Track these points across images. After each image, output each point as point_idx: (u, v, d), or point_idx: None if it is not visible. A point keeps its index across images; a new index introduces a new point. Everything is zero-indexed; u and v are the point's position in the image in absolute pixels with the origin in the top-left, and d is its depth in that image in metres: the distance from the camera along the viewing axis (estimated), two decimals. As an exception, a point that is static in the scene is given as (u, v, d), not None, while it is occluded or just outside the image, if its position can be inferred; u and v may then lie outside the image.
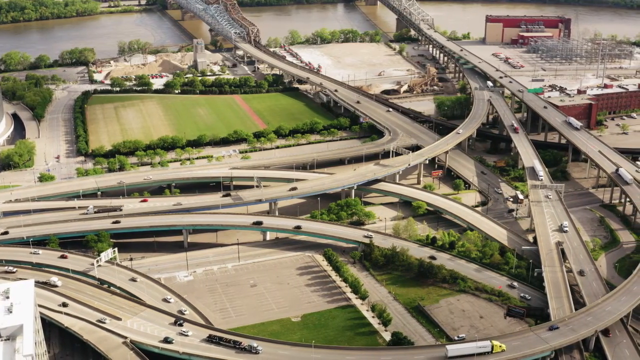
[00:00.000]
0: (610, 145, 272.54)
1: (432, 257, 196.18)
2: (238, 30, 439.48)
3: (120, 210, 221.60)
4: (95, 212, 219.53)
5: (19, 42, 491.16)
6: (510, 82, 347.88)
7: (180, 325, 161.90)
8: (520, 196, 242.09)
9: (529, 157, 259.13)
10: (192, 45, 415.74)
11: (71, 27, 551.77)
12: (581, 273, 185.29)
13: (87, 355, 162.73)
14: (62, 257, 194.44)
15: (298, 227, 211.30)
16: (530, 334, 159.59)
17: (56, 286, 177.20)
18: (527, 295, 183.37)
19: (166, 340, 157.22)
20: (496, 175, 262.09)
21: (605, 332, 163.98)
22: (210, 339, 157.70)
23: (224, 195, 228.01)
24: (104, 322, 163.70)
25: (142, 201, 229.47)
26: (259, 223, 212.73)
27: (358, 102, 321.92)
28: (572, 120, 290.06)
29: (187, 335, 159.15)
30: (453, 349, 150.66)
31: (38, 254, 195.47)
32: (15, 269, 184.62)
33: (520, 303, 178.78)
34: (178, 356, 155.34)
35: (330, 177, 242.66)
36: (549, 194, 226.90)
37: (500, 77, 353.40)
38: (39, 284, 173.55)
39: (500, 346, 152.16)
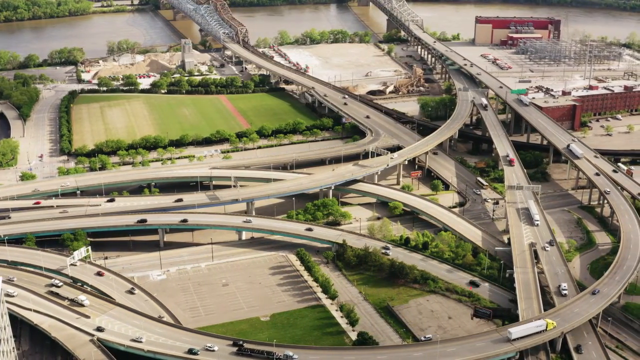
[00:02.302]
0: (594, 147, 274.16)
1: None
2: (227, 30, 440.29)
3: (9, 218, 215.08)
4: None
5: (11, 42, 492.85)
6: (472, 66, 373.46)
7: (241, 346, 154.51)
8: (484, 183, 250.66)
9: (523, 196, 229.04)
10: (181, 45, 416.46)
11: (63, 27, 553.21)
12: (578, 350, 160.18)
13: (56, 352, 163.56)
14: (99, 274, 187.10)
15: (184, 221, 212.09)
16: (495, 334, 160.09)
17: (83, 305, 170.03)
18: (388, 251, 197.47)
19: (190, 352, 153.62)
20: (474, 174, 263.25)
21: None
22: (241, 352, 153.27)
23: (108, 201, 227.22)
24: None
25: (35, 204, 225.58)
26: (144, 221, 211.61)
27: (350, 100, 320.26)
28: (523, 97, 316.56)
29: (213, 350, 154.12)
30: (516, 331, 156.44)
31: (76, 265, 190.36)
32: (61, 283, 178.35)
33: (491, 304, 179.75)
34: (144, 354, 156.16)
35: (309, 177, 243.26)
36: (543, 240, 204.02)
37: (465, 65, 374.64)
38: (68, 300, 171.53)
39: (552, 323, 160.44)
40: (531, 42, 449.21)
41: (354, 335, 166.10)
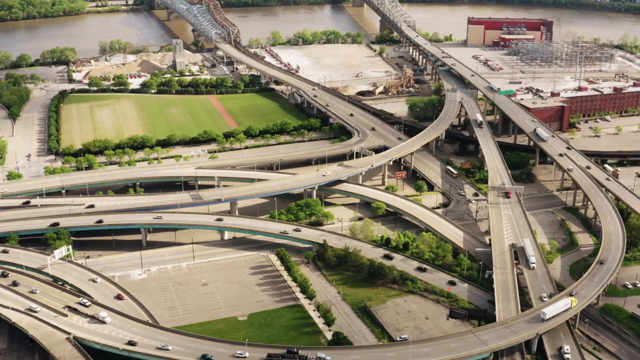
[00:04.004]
0: (581, 148, 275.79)
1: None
2: (219, 30, 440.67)
3: None
4: None
5: (5, 41, 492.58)
6: (449, 57, 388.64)
7: (296, 353, 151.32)
8: (454, 172, 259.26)
9: (519, 235, 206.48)
10: (172, 46, 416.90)
11: (58, 27, 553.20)
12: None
13: (34, 350, 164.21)
14: (118, 297, 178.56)
15: (100, 222, 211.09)
16: (470, 335, 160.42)
17: (105, 323, 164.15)
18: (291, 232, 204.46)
19: (204, 358, 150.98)
20: (444, 163, 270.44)
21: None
22: (270, 357, 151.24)
23: (23, 203, 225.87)
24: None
25: None
26: (56, 224, 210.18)
27: (351, 114, 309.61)
28: (492, 85, 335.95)
29: (245, 357, 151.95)
30: (549, 311, 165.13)
31: (96, 282, 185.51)
32: (89, 303, 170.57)
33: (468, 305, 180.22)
34: (118, 353, 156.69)
35: (293, 177, 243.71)
36: (540, 289, 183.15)
37: (444, 57, 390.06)
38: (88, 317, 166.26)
39: (574, 300, 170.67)
40: (523, 44, 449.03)
41: (330, 335, 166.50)
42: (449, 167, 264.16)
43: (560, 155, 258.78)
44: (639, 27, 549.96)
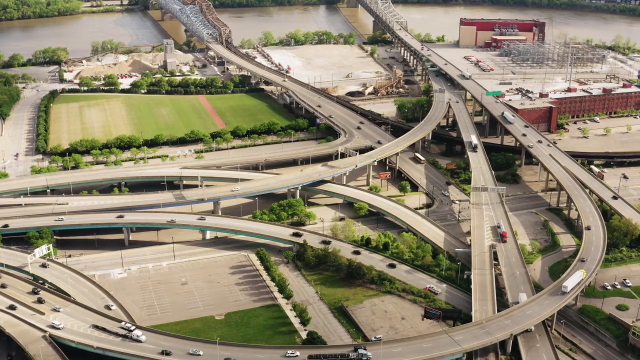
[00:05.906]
0: (569, 149, 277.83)
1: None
2: (210, 31, 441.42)
3: None
4: None
5: (0, 41, 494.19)
6: (428, 51, 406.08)
7: (356, 350, 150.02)
8: (421, 157, 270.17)
9: (516, 287, 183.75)
10: (163, 46, 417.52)
11: (52, 27, 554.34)
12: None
13: (11, 348, 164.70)
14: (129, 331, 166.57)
15: (6, 226, 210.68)
16: (443, 335, 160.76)
17: (140, 341, 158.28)
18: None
19: None
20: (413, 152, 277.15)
21: None
22: (311, 357, 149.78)
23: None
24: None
25: None
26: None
27: (360, 123, 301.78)
28: (465, 73, 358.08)
29: (295, 356, 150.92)
30: (569, 284, 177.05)
31: (111, 309, 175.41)
32: (133, 327, 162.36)
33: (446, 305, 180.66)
34: (93, 351, 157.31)
35: (276, 177, 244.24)
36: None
37: (422, 48, 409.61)
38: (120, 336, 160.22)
39: (585, 272, 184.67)
40: (514, 45, 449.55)
41: (305, 335, 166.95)
42: (416, 154, 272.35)
43: (524, 135, 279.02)
44: (634, 29, 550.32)
